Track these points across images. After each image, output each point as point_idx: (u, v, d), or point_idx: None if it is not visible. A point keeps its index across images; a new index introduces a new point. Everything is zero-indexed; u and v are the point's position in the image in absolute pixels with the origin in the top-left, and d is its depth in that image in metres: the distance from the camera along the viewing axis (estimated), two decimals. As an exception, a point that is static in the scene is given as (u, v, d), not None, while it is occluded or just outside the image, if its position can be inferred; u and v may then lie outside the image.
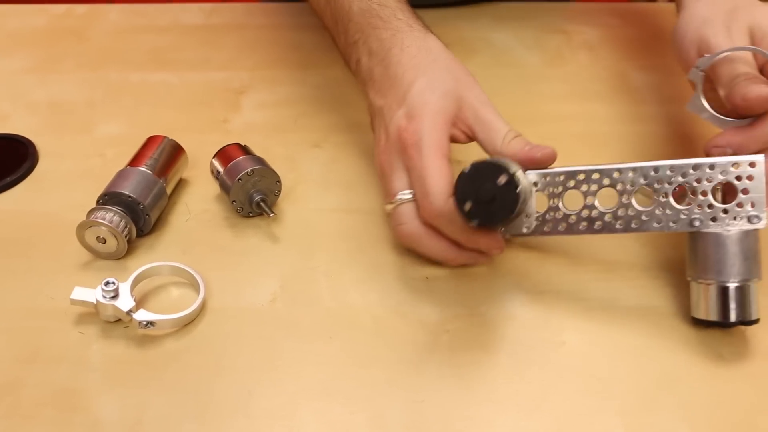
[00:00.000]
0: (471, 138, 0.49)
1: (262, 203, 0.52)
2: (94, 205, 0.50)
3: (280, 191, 0.53)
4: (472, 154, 0.59)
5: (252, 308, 0.47)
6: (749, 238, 0.43)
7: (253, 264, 0.50)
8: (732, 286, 0.43)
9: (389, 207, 0.47)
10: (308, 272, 0.50)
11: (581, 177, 0.45)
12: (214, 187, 0.56)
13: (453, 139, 0.48)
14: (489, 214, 0.42)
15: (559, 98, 0.67)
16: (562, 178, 0.46)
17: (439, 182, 0.44)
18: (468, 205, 0.42)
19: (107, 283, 0.44)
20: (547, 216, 0.46)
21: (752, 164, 0.42)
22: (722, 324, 0.44)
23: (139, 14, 0.78)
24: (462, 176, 0.42)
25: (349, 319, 0.47)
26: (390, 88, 0.49)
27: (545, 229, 0.46)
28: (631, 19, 0.79)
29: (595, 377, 0.43)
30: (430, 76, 0.48)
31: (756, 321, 0.43)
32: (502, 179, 0.41)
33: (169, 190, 0.53)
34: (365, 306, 0.47)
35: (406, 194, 0.46)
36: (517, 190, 0.41)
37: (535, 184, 0.46)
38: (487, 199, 0.41)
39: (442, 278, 0.49)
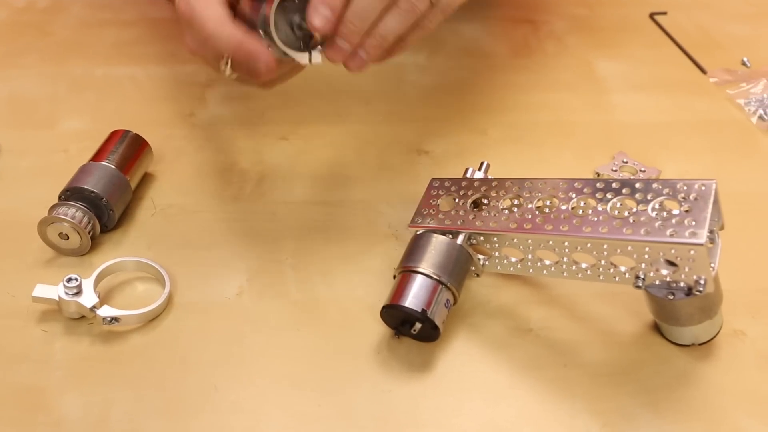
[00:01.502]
0: None
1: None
2: (56, 201, 0.49)
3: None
4: (445, 138, 0.59)
5: (218, 302, 0.47)
6: (697, 297, 0.40)
7: (220, 257, 0.50)
8: (685, 327, 0.43)
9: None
10: (275, 265, 0.49)
11: (514, 239, 0.44)
12: (180, 181, 0.55)
13: None
14: (420, 338, 0.44)
15: (526, 88, 0.67)
16: (495, 239, 0.45)
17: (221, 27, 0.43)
18: (397, 330, 0.45)
19: (69, 280, 0.44)
20: (497, 260, 0.46)
21: (693, 250, 0.38)
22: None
23: (104, 7, 0.77)
24: (383, 313, 0.44)
25: (316, 311, 0.46)
26: None
27: (498, 268, 0.46)
28: (597, 9, 0.80)
29: (560, 364, 0.44)
30: None
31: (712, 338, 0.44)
32: (417, 326, 0.43)
33: (133, 185, 0.52)
34: (332, 298, 0.47)
35: None
36: (436, 326, 0.42)
37: (470, 239, 0.45)
38: (414, 334, 0.43)
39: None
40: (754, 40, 0.75)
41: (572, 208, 0.43)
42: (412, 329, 0.43)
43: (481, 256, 0.46)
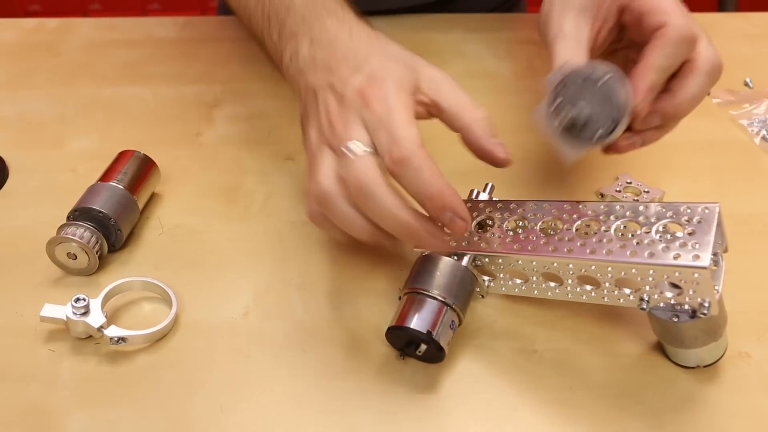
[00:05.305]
0: (432, 113, 0.46)
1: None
2: (64, 221, 0.49)
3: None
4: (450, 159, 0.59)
5: (225, 322, 0.47)
6: (701, 320, 0.40)
7: (226, 278, 0.50)
8: (690, 349, 0.43)
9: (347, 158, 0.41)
10: (281, 285, 0.50)
11: (518, 261, 0.44)
12: (186, 201, 0.56)
13: (415, 113, 0.43)
14: (425, 360, 0.44)
15: (530, 109, 0.67)
16: (499, 260, 0.45)
17: (410, 128, 0.40)
18: (402, 352, 0.45)
19: (77, 300, 0.44)
20: (502, 282, 0.46)
21: (697, 273, 0.39)
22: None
23: (112, 28, 0.78)
24: (388, 335, 0.44)
25: (322, 331, 0.47)
26: (340, 63, 0.44)
27: (503, 290, 0.47)
28: (600, 30, 0.80)
29: (565, 386, 0.44)
30: (386, 52, 0.45)
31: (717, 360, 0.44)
32: (422, 348, 0.43)
33: (141, 205, 0.53)
34: (338, 319, 0.47)
35: (360, 146, 0.41)
36: (441, 348, 0.42)
37: (474, 261, 0.46)
38: (419, 355, 0.44)
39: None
40: (757, 61, 0.76)
41: (576, 231, 0.43)
42: (417, 350, 0.43)
43: (486, 278, 0.46)
